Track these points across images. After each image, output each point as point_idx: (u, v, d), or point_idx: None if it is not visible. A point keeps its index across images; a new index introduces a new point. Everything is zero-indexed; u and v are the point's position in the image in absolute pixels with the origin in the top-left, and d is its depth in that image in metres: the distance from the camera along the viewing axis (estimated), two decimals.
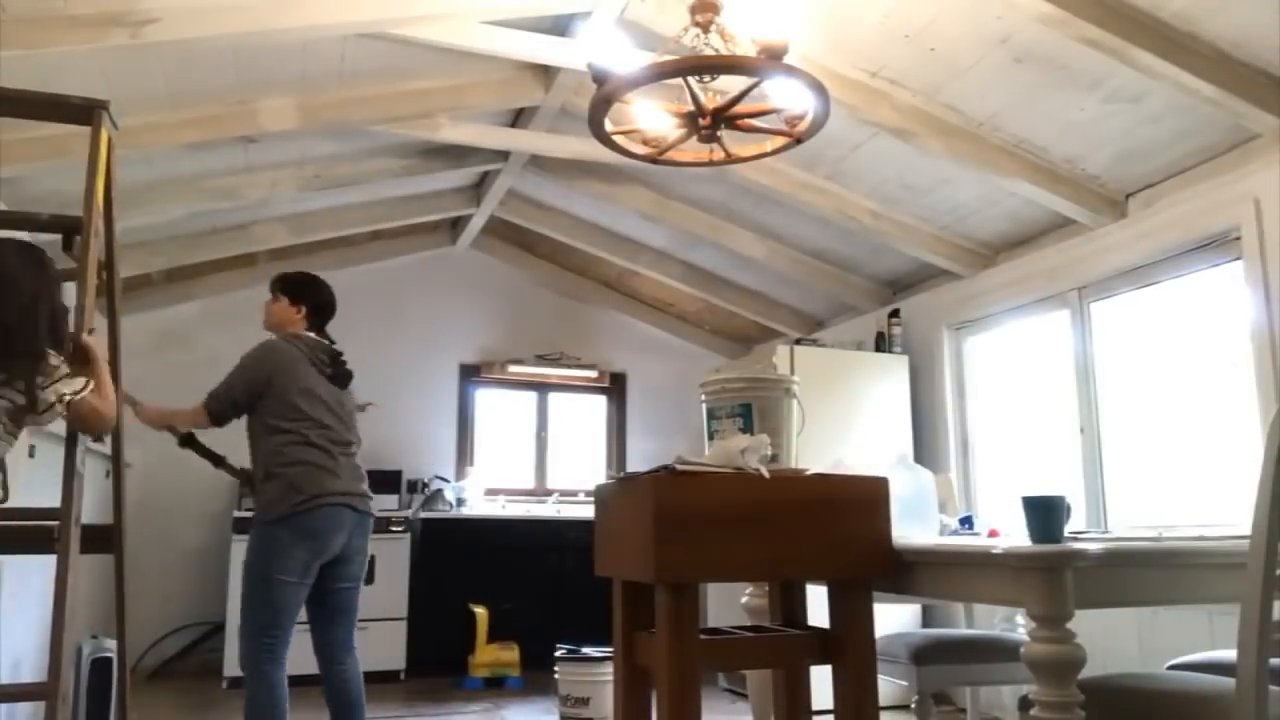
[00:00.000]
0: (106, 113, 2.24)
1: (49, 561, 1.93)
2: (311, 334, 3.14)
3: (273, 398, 2.95)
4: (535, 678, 5.15)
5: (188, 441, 3.13)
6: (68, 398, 1.98)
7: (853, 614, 2.11)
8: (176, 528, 5.50)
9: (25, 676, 3.75)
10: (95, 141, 2.21)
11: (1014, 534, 2.09)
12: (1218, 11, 2.82)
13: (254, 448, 3.02)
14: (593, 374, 6.84)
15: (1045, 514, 1.82)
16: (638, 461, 6.66)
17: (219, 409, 2.99)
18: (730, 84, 2.66)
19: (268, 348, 3.04)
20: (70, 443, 2.02)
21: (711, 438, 2.33)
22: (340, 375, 3.13)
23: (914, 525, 2.41)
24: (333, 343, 3.19)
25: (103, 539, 2.38)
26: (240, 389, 2.98)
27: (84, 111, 2.25)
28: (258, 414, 2.99)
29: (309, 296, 3.18)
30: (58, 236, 2.26)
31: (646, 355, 6.97)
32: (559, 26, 3.58)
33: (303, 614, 2.94)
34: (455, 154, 4.79)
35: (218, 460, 3.18)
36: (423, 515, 5.77)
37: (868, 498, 2.13)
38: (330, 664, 3.02)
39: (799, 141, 2.80)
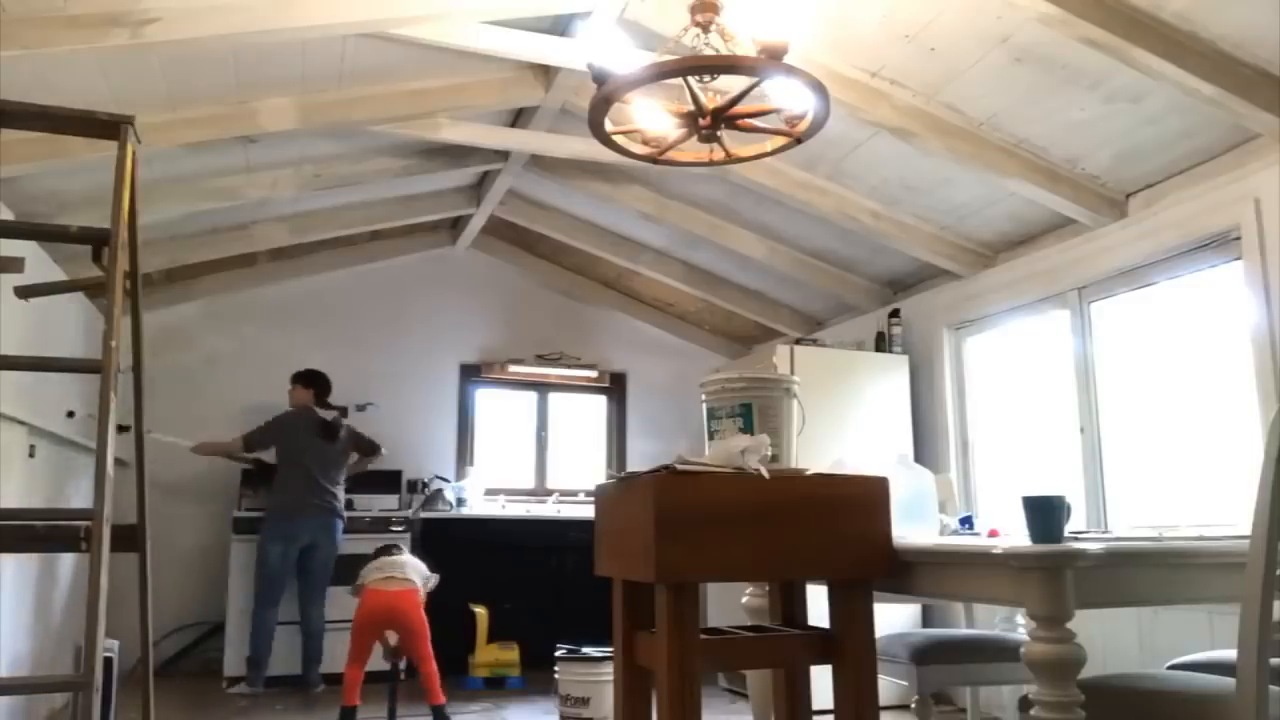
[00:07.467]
0: (132, 127, 2.25)
1: (46, 562, 1.93)
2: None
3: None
4: (535, 677, 5.15)
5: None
6: None
7: (853, 614, 2.11)
8: (176, 528, 5.50)
9: (24, 673, 3.76)
10: (121, 156, 2.23)
11: (1014, 534, 2.09)
12: (1218, 11, 2.82)
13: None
14: (593, 374, 6.84)
15: (1045, 514, 1.82)
16: (638, 461, 6.66)
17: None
18: (730, 84, 2.66)
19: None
20: (101, 446, 2.02)
21: (711, 438, 2.33)
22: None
23: (914, 525, 2.41)
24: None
25: (124, 539, 2.40)
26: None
27: (111, 126, 2.26)
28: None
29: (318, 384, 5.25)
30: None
31: (646, 355, 6.97)
32: (559, 26, 3.57)
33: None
34: (455, 154, 4.79)
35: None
36: (423, 515, 5.77)
37: (868, 498, 2.13)
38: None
39: (799, 141, 2.79)
